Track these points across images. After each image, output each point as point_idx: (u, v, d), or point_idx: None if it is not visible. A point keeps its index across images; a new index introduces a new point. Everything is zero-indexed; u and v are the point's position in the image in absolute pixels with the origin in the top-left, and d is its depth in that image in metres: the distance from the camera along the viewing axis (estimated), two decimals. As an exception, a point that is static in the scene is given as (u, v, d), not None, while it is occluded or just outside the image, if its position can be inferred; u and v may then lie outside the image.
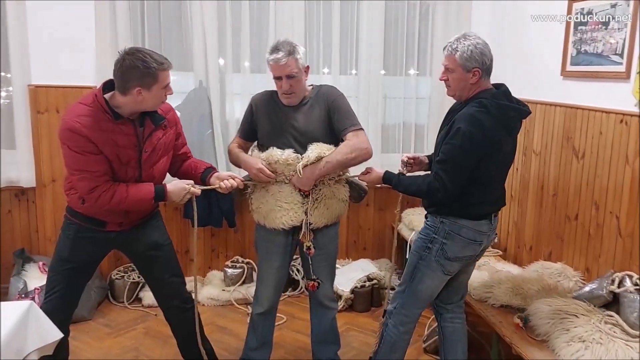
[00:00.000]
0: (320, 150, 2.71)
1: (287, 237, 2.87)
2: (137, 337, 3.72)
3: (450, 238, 2.61)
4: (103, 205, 2.54)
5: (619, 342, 2.48)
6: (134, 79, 2.42)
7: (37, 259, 4.12)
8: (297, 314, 4.04)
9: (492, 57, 2.56)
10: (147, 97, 2.47)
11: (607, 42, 3.02)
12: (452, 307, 2.94)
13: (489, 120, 2.44)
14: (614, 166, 2.93)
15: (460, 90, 2.59)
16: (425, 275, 2.69)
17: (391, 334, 2.83)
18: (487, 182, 2.59)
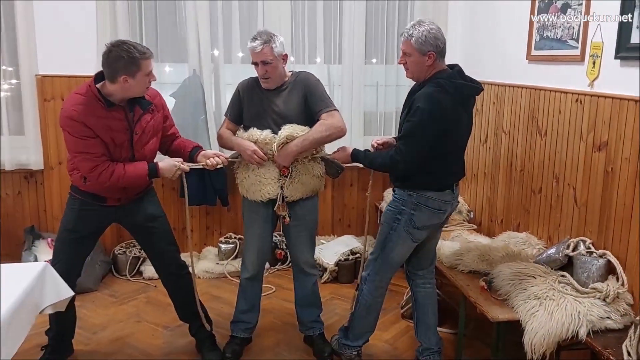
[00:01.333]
0: (293, 130, 2.99)
1: (267, 209, 3.16)
2: (139, 306, 4.02)
3: (418, 209, 2.88)
4: (104, 181, 2.82)
5: (569, 298, 2.77)
6: (120, 68, 2.70)
7: (46, 236, 4.42)
8: (285, 284, 4.33)
9: (445, 41, 2.80)
10: (133, 84, 2.75)
11: (565, 27, 3.29)
12: (423, 273, 3.21)
13: (446, 98, 2.71)
14: (571, 142, 3.21)
15: (417, 72, 2.84)
16: (396, 244, 2.97)
17: (366, 298, 3.12)
18: (448, 156, 2.86)
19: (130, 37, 4.39)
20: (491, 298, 3.05)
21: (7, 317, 2.14)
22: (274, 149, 3.00)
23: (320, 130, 3.01)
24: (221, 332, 3.56)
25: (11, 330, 2.18)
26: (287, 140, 2.99)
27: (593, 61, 3.05)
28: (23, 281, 2.41)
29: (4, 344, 2.10)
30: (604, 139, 2.95)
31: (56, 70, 4.36)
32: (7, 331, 2.14)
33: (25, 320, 2.37)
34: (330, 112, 3.06)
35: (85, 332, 3.63)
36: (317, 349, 3.35)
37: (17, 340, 2.27)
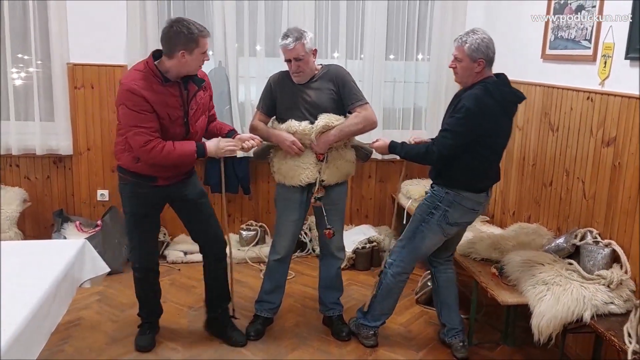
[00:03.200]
0: (329, 119, 3.18)
1: (302, 194, 3.34)
2: (164, 287, 4.13)
3: (453, 207, 3.07)
4: (155, 157, 2.92)
5: (575, 284, 2.93)
6: (179, 44, 2.83)
7: (74, 219, 4.61)
8: (304, 271, 4.54)
9: (495, 51, 2.99)
10: (189, 60, 2.88)
11: (578, 28, 3.43)
12: (443, 261, 3.40)
13: (491, 101, 2.91)
14: (581, 137, 3.36)
15: (465, 77, 3.03)
16: (426, 237, 3.15)
17: (389, 282, 3.29)
18: (488, 159, 3.06)
19: (158, 30, 4.54)
20: (502, 284, 3.21)
21: (53, 288, 2.30)
22: (312, 138, 3.18)
23: (356, 123, 3.21)
24: (244, 313, 3.74)
25: (56, 301, 2.34)
26: (323, 129, 3.17)
27: (604, 61, 3.19)
28: (65, 256, 2.59)
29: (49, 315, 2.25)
30: (613, 135, 3.10)
31: (87, 59, 4.54)
32: (52, 303, 2.29)
33: (67, 293, 2.54)
34: (363, 105, 3.26)
35: (114, 309, 3.83)
36: (336, 329, 3.54)
37: (60, 311, 2.42)
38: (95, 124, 4.66)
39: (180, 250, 4.74)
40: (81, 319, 3.67)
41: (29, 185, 4.68)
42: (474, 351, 3.40)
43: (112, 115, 4.62)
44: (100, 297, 3.99)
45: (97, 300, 3.94)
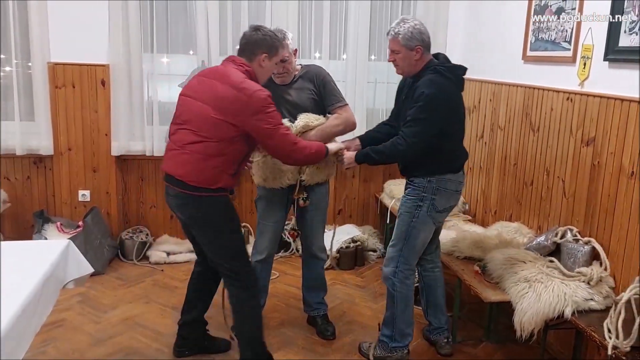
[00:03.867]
0: (308, 119, 3.18)
1: (283, 196, 3.34)
2: (147, 288, 4.20)
3: (439, 193, 3.05)
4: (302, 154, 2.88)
5: (556, 281, 2.97)
6: (262, 47, 2.86)
7: (55, 220, 4.56)
8: (288, 270, 4.54)
9: (429, 35, 3.01)
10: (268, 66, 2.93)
11: (559, 30, 3.49)
12: (431, 258, 3.38)
13: (446, 82, 2.93)
14: (561, 137, 3.42)
15: (407, 67, 3.03)
16: (420, 231, 3.10)
17: (402, 291, 3.17)
18: (457, 136, 3.10)
19: (141, 29, 4.55)
20: (484, 281, 3.26)
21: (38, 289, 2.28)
22: None
23: (337, 124, 3.23)
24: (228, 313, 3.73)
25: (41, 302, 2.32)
26: (303, 129, 3.17)
27: (584, 62, 3.25)
28: (49, 256, 2.56)
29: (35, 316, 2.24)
30: (592, 135, 3.15)
31: (68, 58, 4.50)
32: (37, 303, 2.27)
33: (52, 294, 2.52)
34: (343, 106, 3.29)
35: (96, 311, 3.81)
36: (321, 328, 3.56)
37: (45, 312, 2.41)
38: (76, 124, 4.62)
39: (163, 251, 4.72)
40: (64, 321, 3.65)
41: (9, 185, 4.63)
42: (458, 348, 3.45)
43: (93, 115, 4.61)
44: (82, 299, 3.96)
45: (78, 302, 3.91)
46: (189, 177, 2.76)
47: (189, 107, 2.82)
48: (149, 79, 4.71)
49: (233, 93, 2.70)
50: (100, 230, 4.57)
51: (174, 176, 2.82)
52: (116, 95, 4.59)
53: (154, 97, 4.70)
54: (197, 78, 2.90)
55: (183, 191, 2.79)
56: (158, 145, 4.68)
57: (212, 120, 2.72)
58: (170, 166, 2.85)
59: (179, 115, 2.88)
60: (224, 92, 2.72)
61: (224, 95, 2.72)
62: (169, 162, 2.87)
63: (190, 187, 2.77)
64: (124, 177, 4.86)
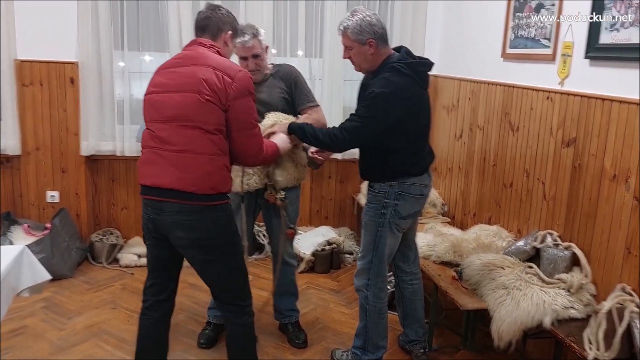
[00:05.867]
0: (277, 118, 3.03)
1: (252, 199, 3.19)
2: (115, 292, 4.05)
3: (402, 198, 2.85)
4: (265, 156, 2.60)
5: (535, 288, 2.86)
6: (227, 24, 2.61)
7: (22, 222, 4.41)
8: (261, 274, 4.39)
9: (383, 26, 2.79)
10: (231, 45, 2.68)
11: (539, 27, 3.38)
12: (410, 268, 3.21)
13: (403, 79, 2.71)
14: (541, 138, 3.30)
15: (364, 63, 2.83)
16: (387, 239, 2.90)
17: (374, 304, 2.99)
18: (418, 138, 2.88)
19: (111, 25, 4.42)
20: (461, 288, 3.14)
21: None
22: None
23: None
24: (197, 319, 3.62)
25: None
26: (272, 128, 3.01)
27: (564, 60, 3.14)
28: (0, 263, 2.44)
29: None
30: (573, 135, 3.05)
31: (35, 55, 4.36)
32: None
33: (3, 302, 2.40)
34: (314, 107, 3.17)
35: (61, 317, 3.66)
36: (292, 336, 3.42)
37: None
38: (44, 123, 4.47)
39: (134, 254, 4.57)
40: (25, 327, 3.49)
41: (-26, 186, 4.47)
42: (434, 356, 3.33)
43: (62, 114, 4.46)
44: (47, 304, 3.80)
45: (42, 307, 3.75)
46: (200, 185, 2.35)
47: (163, 104, 2.40)
48: (119, 77, 4.56)
49: (215, 73, 2.36)
50: (68, 232, 4.42)
51: (174, 189, 2.36)
52: (85, 94, 4.45)
53: (125, 96, 4.55)
54: (161, 73, 2.51)
55: (191, 203, 2.36)
56: (129, 145, 4.54)
57: (201, 106, 2.34)
58: (165, 178, 2.37)
59: (151, 117, 2.46)
60: (204, 74, 2.35)
61: (205, 77, 2.35)
62: (160, 172, 2.38)
63: (202, 197, 2.36)
64: (94, 177, 4.70)
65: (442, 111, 4.59)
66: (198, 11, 2.64)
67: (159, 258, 2.60)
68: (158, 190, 2.39)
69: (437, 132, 4.61)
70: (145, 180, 2.44)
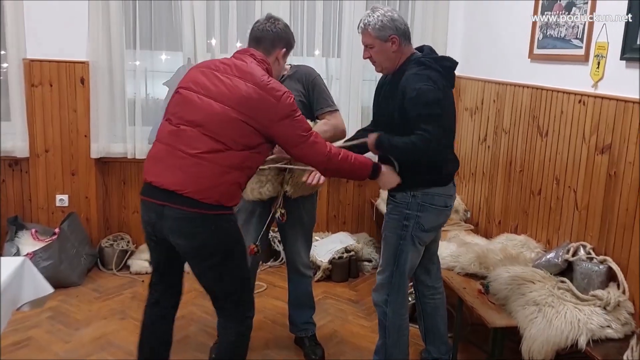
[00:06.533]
0: None
1: (264, 208, 3.03)
2: (124, 301, 3.91)
3: (425, 210, 2.66)
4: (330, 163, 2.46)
5: (569, 305, 2.68)
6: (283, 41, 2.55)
7: (30, 227, 4.28)
8: (277, 282, 4.23)
9: (405, 22, 2.62)
10: (281, 64, 2.61)
11: (569, 27, 3.19)
12: (432, 282, 3.01)
13: (433, 74, 2.52)
14: (573, 143, 3.12)
15: (386, 62, 2.65)
16: (408, 253, 2.71)
17: (394, 321, 2.82)
18: (446, 141, 2.64)
19: (123, 24, 4.29)
20: (488, 302, 2.96)
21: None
22: None
23: (325, 130, 2.90)
24: (208, 331, 3.47)
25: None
26: None
27: (597, 62, 2.96)
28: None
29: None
30: (607, 142, 2.86)
31: (45, 55, 4.23)
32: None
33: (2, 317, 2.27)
34: (333, 112, 3.00)
35: (67, 328, 3.51)
36: (308, 350, 3.25)
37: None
38: (54, 124, 4.34)
39: (146, 260, 4.42)
40: (30, 340, 3.35)
41: (-19, 190, 4.35)
42: (458, 374, 3.16)
43: (72, 115, 4.33)
44: (53, 314, 3.66)
45: (48, 318, 3.61)
46: (205, 194, 2.26)
47: (198, 106, 2.32)
48: (131, 77, 4.42)
49: (259, 94, 2.29)
50: (77, 237, 4.29)
51: (177, 192, 2.27)
52: (96, 94, 4.31)
53: (137, 96, 4.41)
54: (202, 71, 2.41)
55: (193, 210, 2.27)
56: (140, 147, 4.39)
57: (235, 124, 2.28)
58: (170, 178, 2.29)
59: (179, 114, 2.36)
60: (248, 92, 2.29)
61: (248, 95, 2.29)
62: (167, 172, 2.31)
63: (205, 206, 2.27)
64: (104, 180, 4.57)
65: (464, 113, 4.40)
66: (255, 20, 2.59)
67: (159, 260, 2.57)
68: (160, 193, 2.31)
69: (460, 135, 4.42)
70: (150, 176, 2.36)
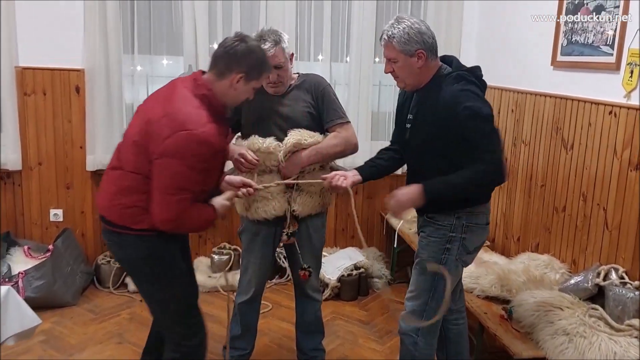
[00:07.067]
0: (301, 136, 2.67)
1: (270, 228, 2.82)
2: (121, 323, 3.69)
3: (469, 230, 2.43)
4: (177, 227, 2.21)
5: (603, 336, 2.46)
6: (242, 65, 2.20)
7: (23, 243, 4.08)
8: (283, 302, 4.01)
9: (433, 35, 2.37)
10: (241, 89, 2.24)
11: (597, 32, 2.98)
12: (455, 305, 2.76)
13: (474, 87, 2.30)
14: (602, 158, 2.90)
15: (410, 79, 2.40)
16: (449, 279, 2.42)
17: (425, 351, 2.56)
18: None
19: (121, 28, 4.10)
20: (512, 330, 2.75)
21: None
22: (280, 158, 2.67)
23: (335, 144, 2.71)
24: (211, 357, 3.24)
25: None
26: (294, 147, 2.66)
27: (631, 70, 2.74)
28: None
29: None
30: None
31: (38, 62, 4.04)
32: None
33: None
34: (344, 124, 2.77)
35: (60, 354, 3.29)
36: (317, 379, 3.04)
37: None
38: (47, 135, 4.13)
39: (144, 277, 4.22)
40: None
41: (-29, 204, 4.15)
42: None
43: (67, 125, 4.14)
44: (46, 338, 3.44)
45: (41, 343, 3.38)
46: (107, 212, 2.28)
47: (130, 123, 2.31)
48: (129, 84, 4.22)
49: (162, 122, 2.09)
50: (72, 254, 4.07)
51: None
52: (92, 103, 4.11)
53: (135, 105, 4.19)
54: (157, 90, 2.36)
55: (105, 226, 2.30)
56: (138, 159, 4.18)
57: (133, 144, 2.17)
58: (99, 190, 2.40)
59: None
60: (154, 118, 2.12)
61: (153, 120, 2.12)
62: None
63: (112, 224, 2.26)
64: (101, 194, 4.36)
65: (479, 123, 4.19)
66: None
67: None
68: None
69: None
70: None
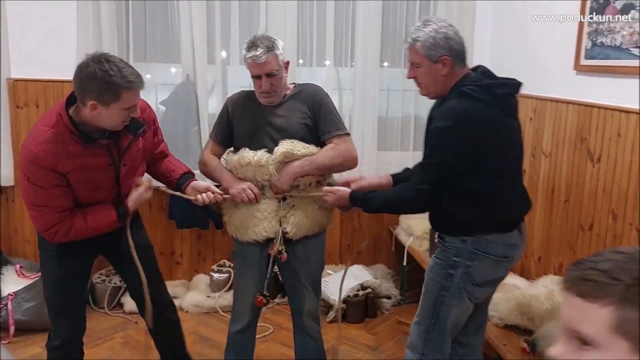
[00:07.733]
0: (293, 146, 2.45)
1: (263, 250, 2.59)
2: (115, 348, 3.48)
3: (476, 258, 2.21)
4: (60, 239, 2.31)
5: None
6: (89, 91, 2.10)
7: (15, 262, 3.91)
8: (285, 323, 3.73)
9: (461, 41, 2.21)
10: (104, 114, 2.14)
11: (626, 33, 2.71)
12: (469, 340, 2.51)
13: (474, 106, 2.10)
14: (635, 172, 2.62)
15: (433, 86, 2.25)
16: (451, 308, 2.27)
17: None
18: (503, 179, 2.21)
19: (116, 36, 3.92)
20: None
21: None
22: (271, 170, 2.45)
23: (332, 156, 2.48)
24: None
25: None
26: (285, 157, 2.44)
27: (665, 74, 2.48)
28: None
29: None
30: (680, 171, 2.37)
31: (31, 74, 3.89)
32: None
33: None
34: (343, 136, 2.54)
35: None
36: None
37: None
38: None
39: (141, 297, 4.00)
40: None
41: (-38, 221, 3.98)
42: None
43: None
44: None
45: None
46: None
47: None
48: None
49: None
50: (66, 274, 3.88)
51: None
52: (87, 115, 3.91)
53: (131, 116, 4.00)
54: None
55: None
56: (135, 173, 3.99)
57: None
58: None
59: None
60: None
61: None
62: None
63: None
64: (97, 209, 4.17)
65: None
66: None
67: None
68: None
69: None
70: None
